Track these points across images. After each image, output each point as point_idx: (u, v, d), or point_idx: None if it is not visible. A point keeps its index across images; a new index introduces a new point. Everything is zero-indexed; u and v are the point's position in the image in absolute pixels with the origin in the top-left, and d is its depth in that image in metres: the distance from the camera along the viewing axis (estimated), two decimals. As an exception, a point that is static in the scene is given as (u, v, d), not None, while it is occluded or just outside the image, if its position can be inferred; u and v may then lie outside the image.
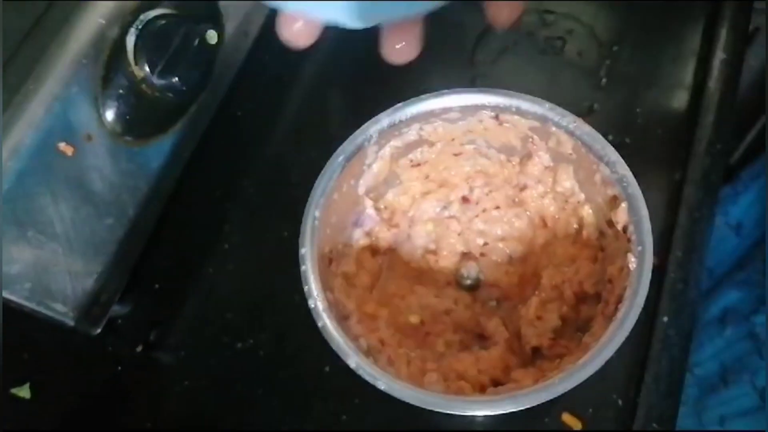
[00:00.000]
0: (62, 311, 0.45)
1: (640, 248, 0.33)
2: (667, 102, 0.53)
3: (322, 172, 0.36)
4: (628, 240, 0.34)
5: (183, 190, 0.53)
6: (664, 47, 0.55)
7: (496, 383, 0.36)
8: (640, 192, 0.34)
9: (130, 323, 0.51)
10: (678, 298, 0.44)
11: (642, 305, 0.32)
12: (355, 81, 0.58)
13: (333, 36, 0.58)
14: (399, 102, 0.38)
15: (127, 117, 0.46)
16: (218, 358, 0.49)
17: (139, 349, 0.50)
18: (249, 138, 0.56)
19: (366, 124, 0.37)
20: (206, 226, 0.54)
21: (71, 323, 0.45)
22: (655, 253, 0.46)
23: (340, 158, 0.36)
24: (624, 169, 0.34)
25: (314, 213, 0.35)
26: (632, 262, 0.32)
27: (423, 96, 0.37)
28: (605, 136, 0.51)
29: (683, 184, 0.48)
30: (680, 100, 0.53)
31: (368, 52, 0.58)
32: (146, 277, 0.52)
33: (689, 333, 0.44)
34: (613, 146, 0.52)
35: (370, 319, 0.38)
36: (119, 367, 0.49)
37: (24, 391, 0.48)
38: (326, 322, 0.33)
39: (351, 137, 0.36)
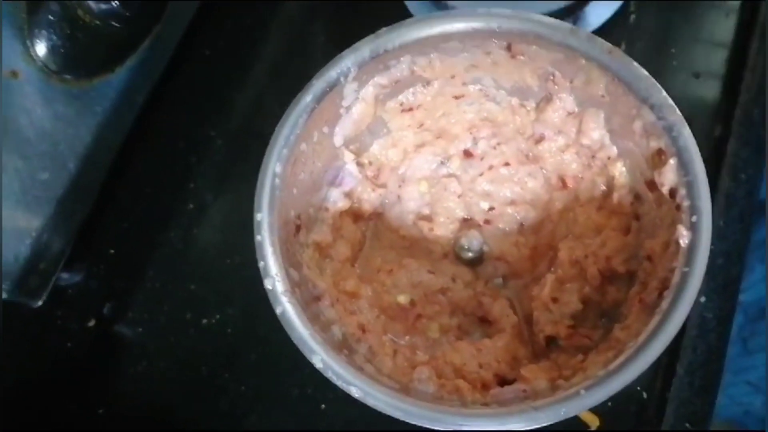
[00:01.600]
0: (-9, 283, 0.38)
1: (694, 218, 0.26)
2: (708, 39, 0.45)
3: (284, 115, 0.29)
4: (677, 207, 0.26)
5: (139, 141, 0.47)
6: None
7: (502, 380, 0.29)
8: (695, 145, 0.26)
9: (81, 294, 0.46)
10: (718, 275, 0.38)
11: (696, 294, 0.25)
12: (340, 12, 0.50)
13: None
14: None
15: (62, 50, 0.39)
16: (180, 335, 0.44)
17: (92, 323, 0.45)
18: (217, 81, 0.50)
19: (341, 54, 0.29)
20: (168, 183, 0.48)
21: (4, 295, 0.39)
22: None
23: (308, 98, 0.29)
24: (674, 115, 0.27)
25: (274, 168, 0.28)
26: (684, 236, 0.25)
27: (415, 18, 0.29)
28: None
29: (726, 140, 0.41)
30: (724, 35, 0.45)
31: None
32: (99, 241, 0.46)
33: (730, 316, 0.37)
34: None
35: (348, 299, 0.31)
36: (69, 344, 0.44)
37: (-36, 369, 0.42)
38: (286, 307, 0.26)
39: (321, 71, 0.29)
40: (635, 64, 0.28)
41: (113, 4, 0.37)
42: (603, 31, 0.46)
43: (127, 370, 0.43)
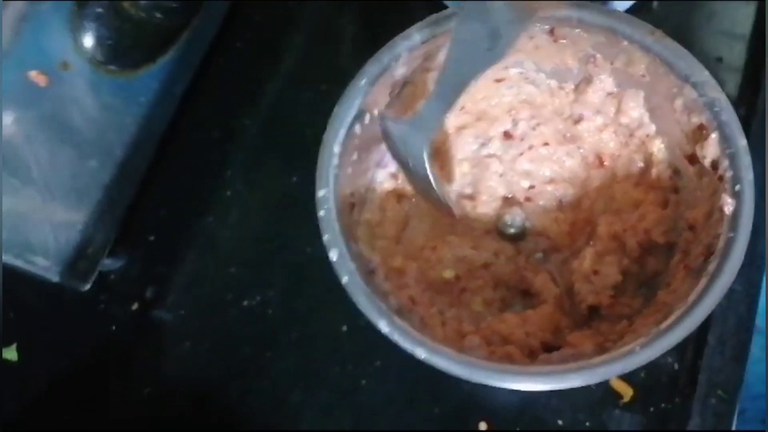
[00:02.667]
0: (44, 265, 0.40)
1: (737, 187, 0.27)
2: (728, 24, 0.46)
3: (341, 98, 0.30)
4: (720, 178, 0.28)
5: (177, 129, 0.48)
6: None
7: (548, 347, 0.31)
8: (736, 118, 0.28)
9: (123, 279, 0.47)
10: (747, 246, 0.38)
11: (742, 257, 0.26)
12: (372, 7, 0.51)
13: None
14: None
15: (109, 42, 0.40)
16: (222, 317, 0.45)
17: (135, 307, 0.45)
18: (251, 71, 0.50)
19: (393, 40, 0.30)
20: (205, 170, 0.48)
21: (55, 278, 0.41)
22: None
23: (363, 81, 0.30)
24: (716, 92, 0.28)
25: (333, 148, 0.29)
26: (728, 204, 0.27)
27: (460, 3, 0.30)
28: None
29: (750, 120, 0.42)
30: (746, 23, 0.46)
31: None
32: (140, 228, 0.47)
33: (758, 286, 0.38)
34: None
35: (397, 274, 0.33)
36: (113, 327, 0.45)
37: (11, 353, 0.44)
38: (352, 276, 0.27)
39: (375, 55, 0.30)
40: (677, 44, 0.29)
41: (161, -3, 0.39)
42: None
43: (170, 352, 0.44)
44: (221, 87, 0.50)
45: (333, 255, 0.28)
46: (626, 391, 0.38)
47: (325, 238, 0.28)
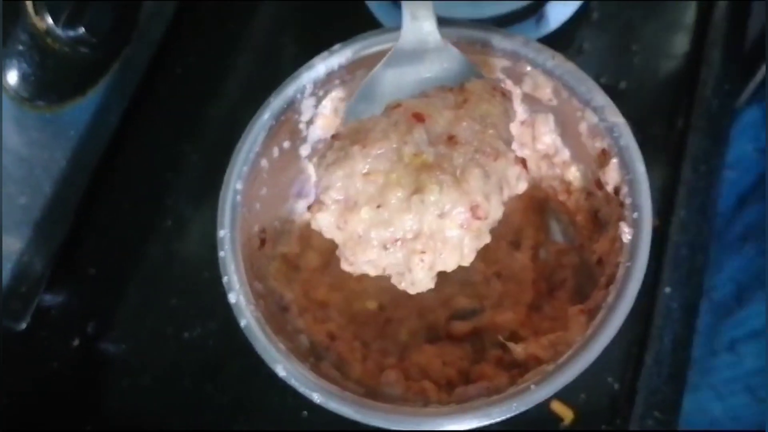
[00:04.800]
0: (-26, 307, 0.39)
1: (636, 215, 0.26)
2: (666, 37, 0.46)
3: (244, 134, 0.29)
4: (621, 204, 0.27)
5: (115, 160, 0.47)
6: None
7: (464, 375, 0.30)
8: (635, 143, 0.27)
9: (64, 314, 0.46)
10: (682, 265, 0.38)
11: (636, 292, 0.26)
12: (307, 23, 0.51)
13: None
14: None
15: (33, 78, 0.39)
16: (163, 349, 0.45)
17: (76, 342, 0.45)
18: (190, 97, 0.50)
19: (296, 72, 0.30)
20: (145, 200, 0.48)
21: (-16, 321, 0.40)
22: (655, 213, 0.41)
23: (266, 116, 0.30)
24: (615, 116, 0.28)
25: (235, 186, 0.29)
26: (626, 232, 0.26)
27: (366, 34, 0.30)
28: (596, 78, 0.45)
29: (687, 132, 0.42)
30: (682, 34, 0.46)
31: None
32: (79, 261, 0.47)
33: (695, 306, 0.38)
34: (605, 90, 0.46)
35: (319, 307, 0.32)
36: (55, 363, 0.45)
37: (-47, 393, 0.43)
38: (249, 320, 0.27)
39: (278, 88, 0.30)
40: (577, 68, 0.29)
41: (80, 31, 0.38)
42: (565, 29, 0.47)
43: (112, 387, 0.44)
44: (160, 114, 0.49)
45: (231, 298, 0.27)
46: (566, 414, 0.38)
47: (225, 280, 0.28)
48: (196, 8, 0.50)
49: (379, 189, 0.23)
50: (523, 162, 0.25)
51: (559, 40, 0.47)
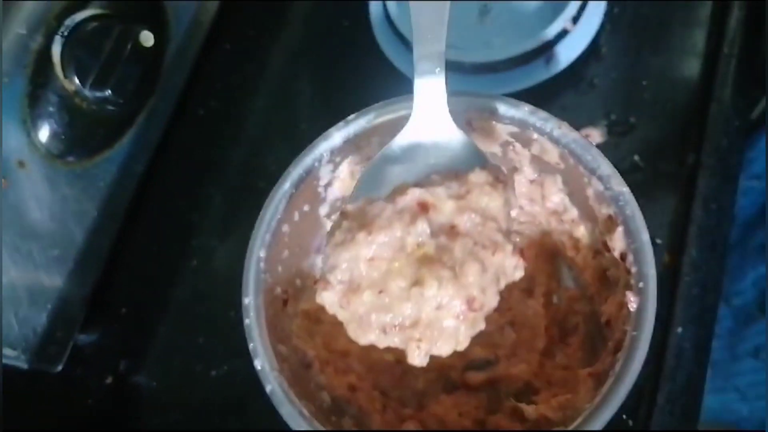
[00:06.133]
0: (13, 355, 0.41)
1: (641, 284, 0.27)
2: (676, 72, 0.47)
3: (266, 202, 0.31)
4: (627, 271, 0.28)
5: (142, 205, 0.49)
6: (672, 7, 0.48)
7: (480, 425, 0.31)
8: (640, 213, 0.28)
9: (97, 353, 0.48)
10: (694, 304, 0.39)
11: (643, 360, 0.27)
12: (322, 66, 0.52)
13: (300, 20, 0.54)
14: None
15: (63, 136, 0.41)
16: (192, 387, 0.46)
17: (109, 380, 0.47)
18: (212, 140, 0.52)
19: (315, 142, 0.31)
20: (171, 242, 0.50)
21: (24, 366, 0.42)
22: (667, 252, 0.42)
23: (286, 186, 0.31)
24: (620, 185, 0.29)
25: (258, 254, 0.30)
26: (632, 301, 0.27)
27: (382, 103, 0.31)
28: (607, 114, 0.47)
29: (697, 169, 0.43)
30: (692, 69, 0.46)
31: (339, 37, 0.54)
32: (111, 302, 0.48)
33: (707, 345, 0.38)
34: (616, 125, 0.47)
35: (340, 357, 0.34)
36: (89, 401, 0.47)
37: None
38: (274, 386, 0.28)
39: (297, 159, 0.31)
40: (583, 138, 0.30)
41: (106, 92, 0.40)
42: (576, 68, 0.48)
43: (144, 422, 0.46)
44: (185, 157, 0.51)
45: (257, 364, 0.29)
46: (582, 452, 0.39)
47: (251, 347, 0.30)
48: (215, 56, 0.52)
49: (382, 275, 0.25)
50: (520, 252, 0.26)
51: (570, 78, 0.48)
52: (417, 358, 0.25)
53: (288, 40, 0.54)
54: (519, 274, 0.26)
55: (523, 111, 0.30)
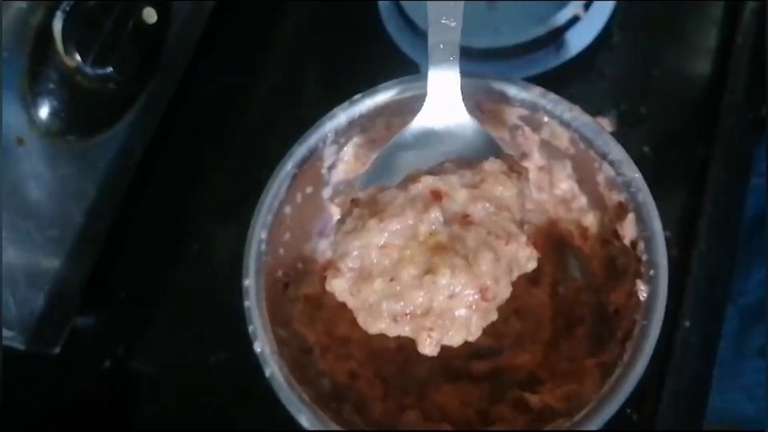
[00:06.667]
0: (10, 336, 0.41)
1: (652, 272, 0.27)
2: (688, 63, 0.46)
3: (269, 183, 0.30)
4: (638, 260, 0.28)
5: (142, 187, 0.48)
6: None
7: (483, 415, 0.31)
8: (652, 200, 0.27)
9: (95, 337, 0.48)
10: (702, 300, 0.38)
11: (652, 351, 0.26)
12: (331, 50, 0.52)
13: (307, 2, 0.54)
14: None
15: (63, 114, 0.41)
16: (190, 373, 0.45)
17: (107, 364, 0.46)
18: (214, 124, 0.51)
19: (319, 121, 0.31)
20: (172, 226, 0.49)
21: (21, 347, 0.41)
22: (676, 245, 0.41)
23: (289, 166, 0.30)
24: (633, 171, 0.28)
25: (259, 235, 0.30)
26: (642, 290, 0.27)
27: (388, 83, 0.30)
28: (617, 104, 0.46)
29: (708, 162, 0.42)
30: (704, 60, 0.45)
31: (346, 20, 0.53)
32: (110, 285, 0.48)
33: (715, 341, 0.38)
34: (626, 116, 0.46)
35: (341, 344, 0.33)
36: (87, 385, 0.46)
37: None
38: (274, 369, 0.28)
39: (301, 139, 0.30)
40: (594, 121, 0.29)
41: (108, 69, 0.39)
42: (586, 56, 0.47)
43: (142, 407, 0.45)
44: (186, 141, 0.51)
45: (257, 347, 0.28)
46: (585, 446, 0.38)
47: (250, 329, 0.29)
48: (219, 36, 0.51)
49: (394, 263, 0.24)
50: (533, 243, 0.25)
51: (579, 66, 0.47)
52: (428, 348, 0.25)
53: (294, 22, 0.53)
54: (532, 265, 0.26)
55: (534, 93, 0.29)
